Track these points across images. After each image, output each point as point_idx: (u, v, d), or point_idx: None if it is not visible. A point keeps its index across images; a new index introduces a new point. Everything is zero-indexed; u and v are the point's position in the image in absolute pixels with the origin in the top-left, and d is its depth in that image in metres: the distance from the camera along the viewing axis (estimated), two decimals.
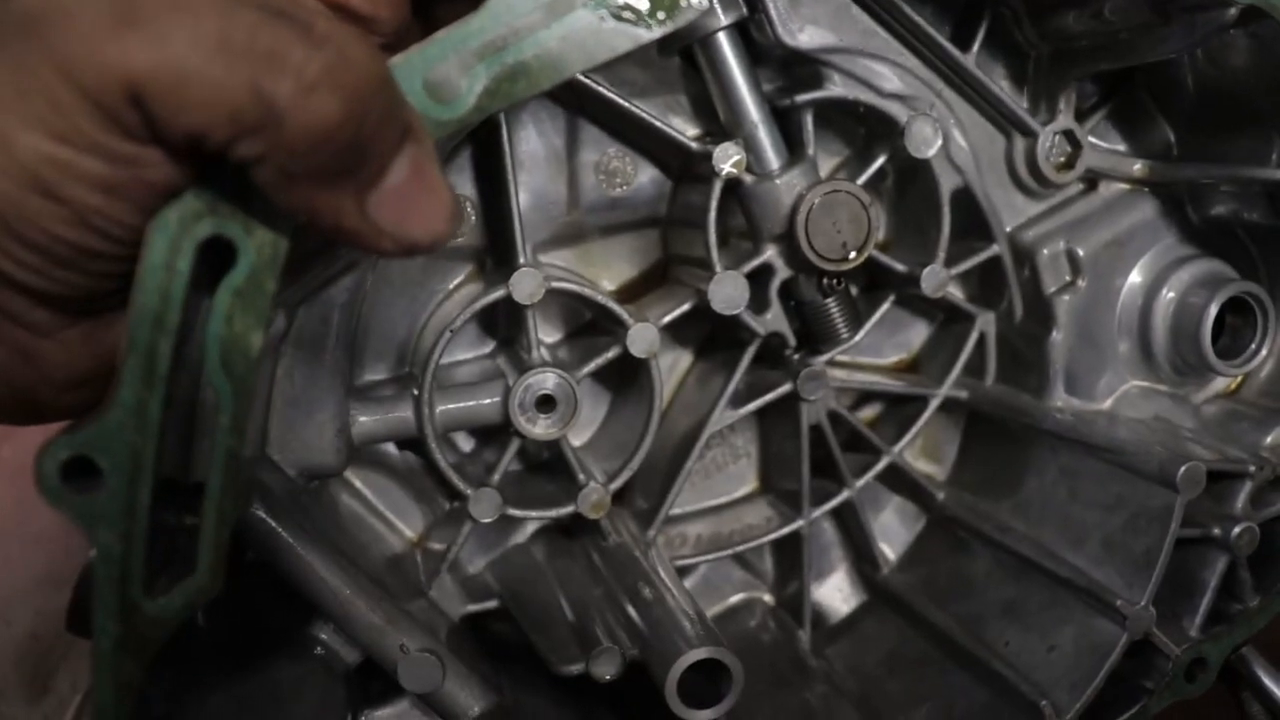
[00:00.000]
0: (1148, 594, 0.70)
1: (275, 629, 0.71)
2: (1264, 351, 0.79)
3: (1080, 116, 0.78)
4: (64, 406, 0.49)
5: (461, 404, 0.76)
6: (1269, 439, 0.79)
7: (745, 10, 0.71)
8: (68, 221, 0.42)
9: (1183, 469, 0.70)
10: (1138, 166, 0.79)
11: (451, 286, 0.79)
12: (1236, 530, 0.72)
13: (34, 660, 0.95)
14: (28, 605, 0.95)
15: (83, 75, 0.39)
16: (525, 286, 0.72)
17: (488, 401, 0.76)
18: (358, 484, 0.81)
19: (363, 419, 0.74)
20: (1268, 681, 0.85)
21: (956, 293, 0.84)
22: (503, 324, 0.80)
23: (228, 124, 0.40)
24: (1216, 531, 0.73)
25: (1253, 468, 0.74)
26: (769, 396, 0.81)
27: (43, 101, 0.40)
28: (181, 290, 0.45)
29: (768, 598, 0.91)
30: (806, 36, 0.73)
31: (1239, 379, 0.84)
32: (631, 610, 0.72)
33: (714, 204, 0.74)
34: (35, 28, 0.40)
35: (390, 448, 0.81)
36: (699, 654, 0.64)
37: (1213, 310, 0.76)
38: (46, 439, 0.47)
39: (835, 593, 0.92)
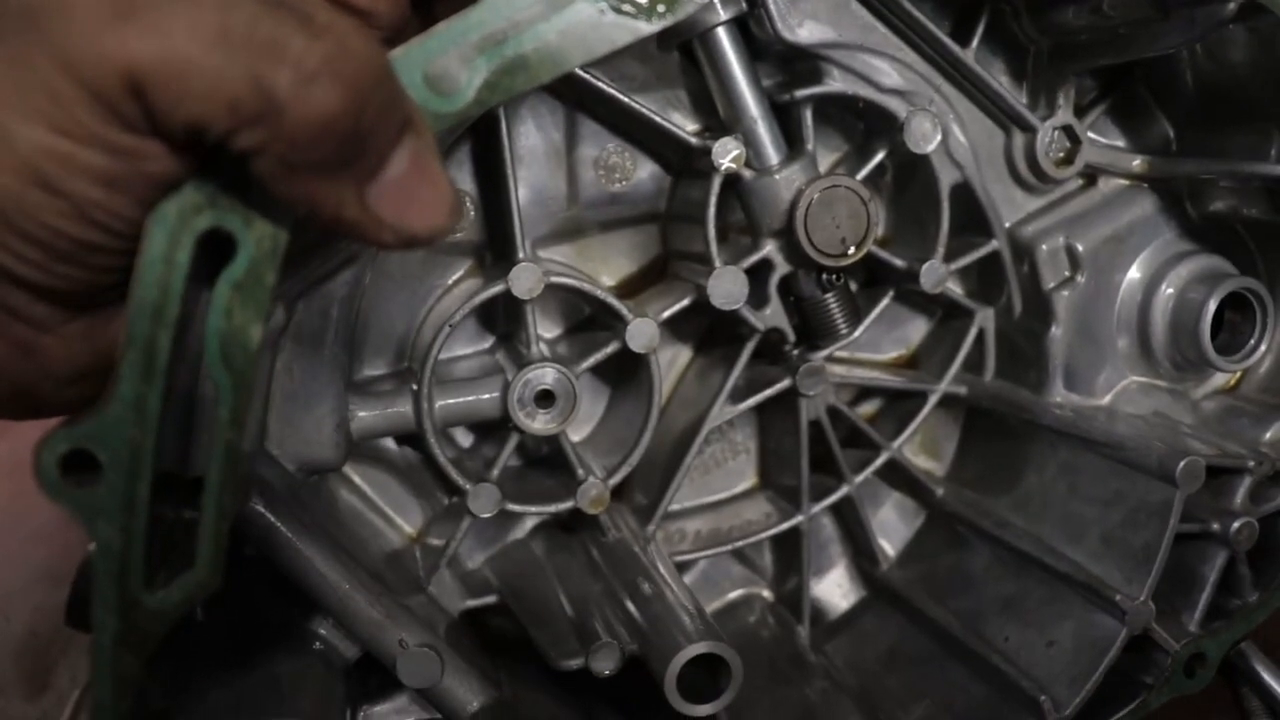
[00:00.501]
0: (1147, 589, 0.70)
1: (274, 624, 0.71)
2: (1263, 347, 0.79)
3: (1079, 112, 0.78)
4: (64, 401, 0.49)
5: (460, 399, 0.75)
6: (1268, 434, 0.79)
7: (745, 5, 0.71)
8: (68, 215, 0.42)
9: (1182, 464, 0.70)
10: (1137, 162, 0.79)
11: (451, 281, 0.79)
12: (1235, 525, 0.72)
13: (33, 656, 0.95)
14: (27, 601, 0.95)
15: (82, 67, 0.39)
16: (524, 281, 0.72)
17: (487, 397, 0.75)
18: (356, 479, 0.81)
19: (362, 414, 0.74)
20: (1267, 677, 0.85)
21: (955, 288, 0.84)
22: (502, 319, 0.80)
23: (227, 115, 0.39)
24: (1215, 527, 0.73)
25: (1252, 463, 0.74)
26: (768, 392, 0.81)
27: (42, 94, 0.40)
28: (181, 283, 0.45)
29: (767, 593, 0.91)
30: (806, 31, 0.73)
31: (1238, 375, 0.84)
32: (630, 605, 0.72)
33: (713, 199, 0.74)
34: (34, 20, 0.40)
35: (389, 443, 0.81)
36: (698, 648, 0.64)
37: (1212, 306, 0.76)
38: (46, 432, 0.47)
39: (834, 588, 0.92)
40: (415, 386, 0.74)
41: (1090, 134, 0.78)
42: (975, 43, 0.75)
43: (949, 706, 0.77)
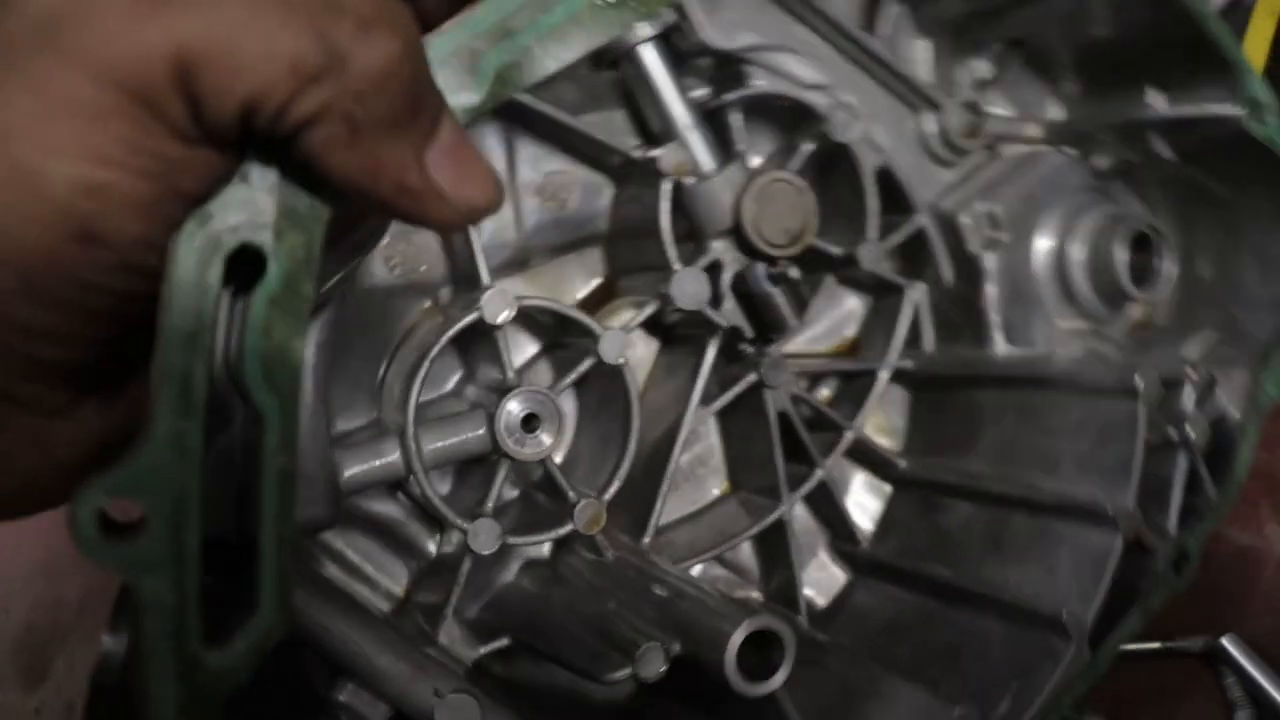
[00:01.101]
0: (1131, 495, 0.75)
1: (295, 703, 0.66)
2: (1168, 277, 0.88)
3: (979, 86, 0.86)
4: (68, 491, 0.45)
5: (447, 440, 0.73)
6: (1187, 352, 0.87)
7: (670, 19, 0.75)
8: (108, 266, 0.38)
9: (1137, 374, 0.76)
10: (1034, 127, 0.87)
11: (409, 325, 0.78)
12: (1191, 431, 0.79)
13: (30, 649, 0.86)
14: (25, 594, 0.87)
15: (122, 67, 0.36)
16: (496, 306, 0.71)
17: (473, 433, 0.74)
18: (337, 544, 0.77)
19: (349, 469, 0.70)
20: (1248, 667, 0.94)
21: (886, 267, 0.89)
22: (468, 353, 0.79)
23: (289, 76, 0.37)
24: (1175, 435, 0.79)
25: (1192, 373, 0.80)
26: (738, 388, 0.83)
27: (74, 117, 0.36)
28: (212, 306, 0.43)
29: (756, 594, 0.91)
30: (730, 37, 0.77)
31: (1148, 311, 0.91)
32: (653, 611, 0.71)
33: (667, 204, 0.76)
34: (56, 33, 0.37)
35: (365, 501, 0.77)
36: (752, 624, 0.63)
37: (1122, 246, 0.84)
38: (77, 486, 0.43)
39: (819, 576, 0.93)
40: (401, 433, 0.71)
41: (991, 108, 0.86)
42: (883, 31, 0.81)
43: (977, 652, 0.78)
